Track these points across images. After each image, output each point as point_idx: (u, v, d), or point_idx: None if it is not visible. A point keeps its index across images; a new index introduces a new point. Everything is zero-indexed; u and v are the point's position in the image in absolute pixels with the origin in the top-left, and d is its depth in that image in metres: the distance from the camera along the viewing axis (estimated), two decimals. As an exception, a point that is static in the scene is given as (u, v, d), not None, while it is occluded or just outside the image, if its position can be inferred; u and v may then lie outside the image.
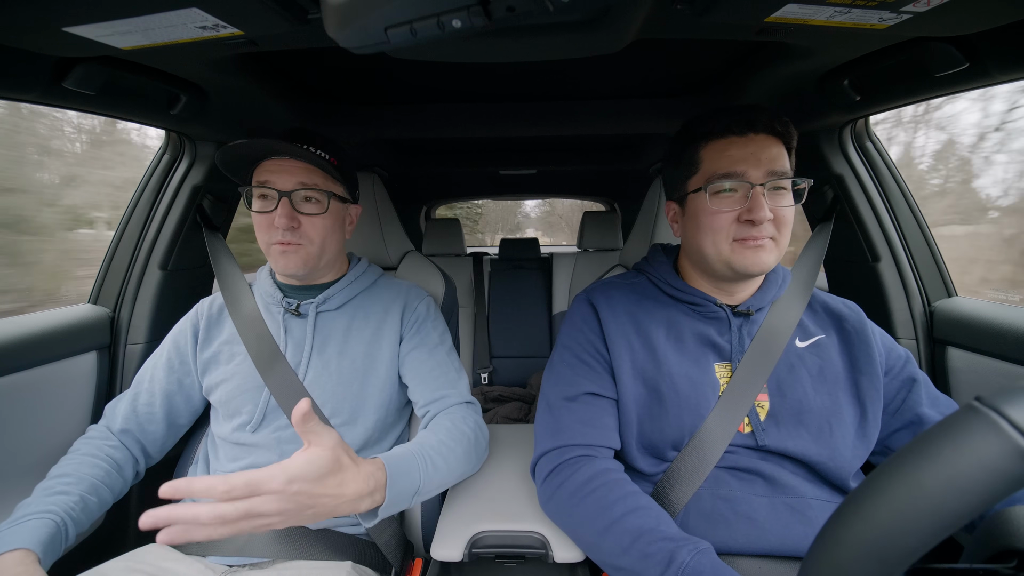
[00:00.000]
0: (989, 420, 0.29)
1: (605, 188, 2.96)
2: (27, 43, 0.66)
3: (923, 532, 0.30)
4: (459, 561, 0.76)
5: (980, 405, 0.30)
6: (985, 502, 0.28)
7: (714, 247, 0.76)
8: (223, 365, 0.91)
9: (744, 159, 0.73)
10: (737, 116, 0.75)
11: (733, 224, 0.75)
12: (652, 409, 0.77)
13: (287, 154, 0.84)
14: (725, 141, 0.76)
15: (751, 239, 0.74)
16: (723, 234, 0.75)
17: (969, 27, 0.66)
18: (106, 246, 1.19)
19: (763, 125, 0.74)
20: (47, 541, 0.69)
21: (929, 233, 1.14)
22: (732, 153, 0.74)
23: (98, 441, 0.87)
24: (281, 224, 0.84)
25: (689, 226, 0.82)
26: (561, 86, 1.26)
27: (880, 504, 0.32)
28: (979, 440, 0.29)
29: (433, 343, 0.96)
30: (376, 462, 0.68)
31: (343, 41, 0.57)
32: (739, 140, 0.75)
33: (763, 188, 0.73)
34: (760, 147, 0.74)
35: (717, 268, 0.78)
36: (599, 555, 0.68)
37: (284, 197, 0.84)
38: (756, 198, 0.72)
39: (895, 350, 0.82)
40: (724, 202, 0.75)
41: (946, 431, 0.31)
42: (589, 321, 0.85)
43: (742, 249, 0.75)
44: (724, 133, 0.76)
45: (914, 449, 0.32)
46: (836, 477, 0.73)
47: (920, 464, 0.31)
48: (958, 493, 0.29)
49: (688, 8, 0.64)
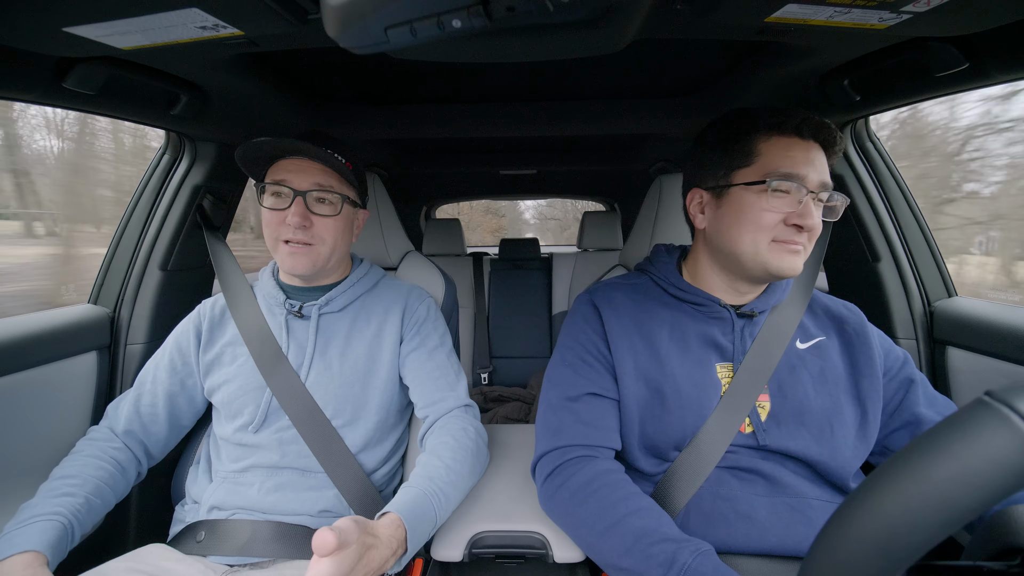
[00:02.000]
0: (1000, 414, 0.29)
1: (605, 188, 2.96)
2: (27, 43, 0.66)
3: (931, 526, 0.29)
4: (459, 561, 0.76)
5: (991, 399, 0.30)
6: (996, 496, 0.28)
7: (753, 244, 0.74)
8: (226, 366, 0.91)
9: (806, 163, 0.73)
10: (806, 119, 0.73)
11: (779, 226, 0.73)
12: (654, 409, 0.77)
13: (307, 155, 0.85)
14: (789, 140, 0.74)
15: (792, 243, 0.73)
16: (765, 233, 0.74)
17: (969, 27, 0.66)
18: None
19: (825, 136, 0.74)
20: (55, 543, 0.69)
21: (929, 233, 1.14)
22: (795, 155, 0.73)
23: (101, 442, 0.87)
24: (294, 222, 0.84)
25: (725, 218, 0.77)
26: (561, 86, 1.26)
27: (888, 498, 0.31)
28: (990, 434, 0.29)
29: (433, 345, 0.96)
30: (394, 521, 0.68)
31: (343, 41, 0.57)
32: (801, 143, 0.74)
33: (815, 196, 0.73)
34: (817, 155, 0.74)
35: (749, 266, 0.76)
36: (600, 556, 0.68)
37: (299, 196, 0.85)
38: (808, 204, 0.72)
39: (893, 351, 0.83)
40: (778, 202, 0.73)
41: (957, 425, 0.31)
42: (591, 322, 0.85)
43: (780, 251, 0.74)
44: (791, 132, 0.74)
45: (923, 443, 0.31)
46: (837, 477, 0.74)
47: (930, 458, 0.30)
48: (968, 487, 0.29)
49: (688, 8, 0.64)
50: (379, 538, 0.63)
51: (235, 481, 0.86)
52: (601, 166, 2.16)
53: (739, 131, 0.77)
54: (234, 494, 0.84)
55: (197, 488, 0.89)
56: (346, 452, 0.86)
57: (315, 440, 0.85)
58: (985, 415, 0.29)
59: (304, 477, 0.86)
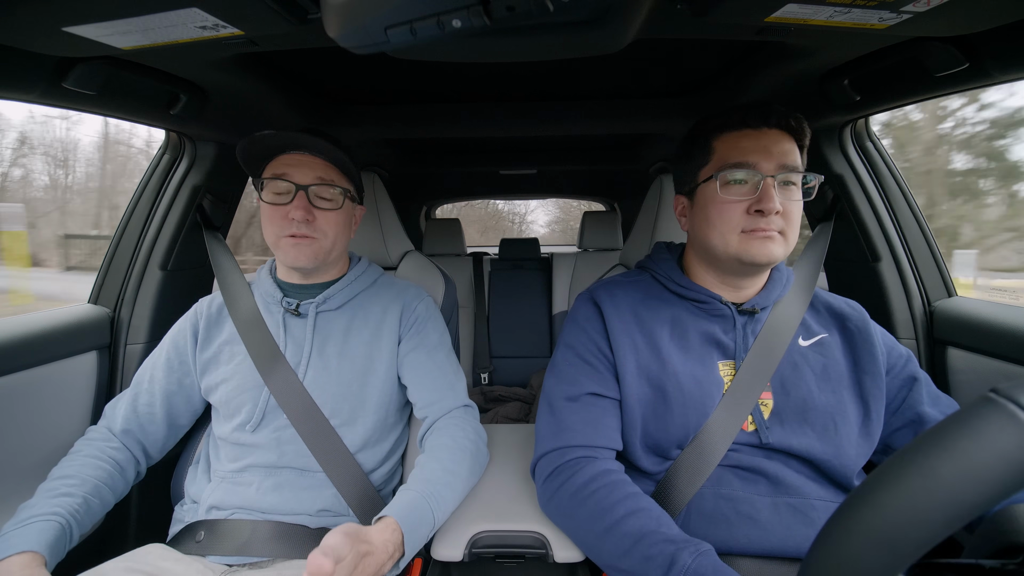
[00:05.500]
0: (1007, 411, 0.29)
1: (605, 188, 2.96)
2: (27, 43, 0.66)
3: (937, 523, 0.29)
4: (459, 561, 0.76)
5: (996, 396, 0.30)
6: (1002, 493, 0.28)
7: (721, 238, 0.76)
8: (223, 365, 0.91)
9: (756, 151, 0.74)
10: (752, 110, 0.76)
11: (742, 216, 0.74)
12: (656, 408, 0.77)
13: (310, 148, 0.86)
14: (739, 133, 0.76)
15: (760, 230, 0.74)
16: (731, 225, 0.75)
17: (969, 27, 0.66)
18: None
19: (777, 120, 0.75)
20: (53, 543, 0.69)
21: (929, 233, 1.14)
22: (745, 144, 0.75)
23: (99, 442, 0.87)
24: (297, 216, 0.85)
25: (697, 218, 0.81)
26: (561, 86, 1.26)
27: (893, 494, 0.31)
28: (996, 430, 0.29)
29: (432, 344, 0.96)
30: (390, 525, 0.68)
31: (343, 41, 0.57)
32: (753, 133, 0.76)
33: (774, 180, 0.73)
34: (773, 141, 0.75)
35: (724, 261, 0.78)
36: (600, 557, 0.68)
37: (301, 190, 0.85)
38: (766, 189, 0.73)
39: (896, 349, 0.82)
40: (734, 192, 0.75)
41: (962, 421, 0.31)
42: (592, 320, 0.85)
43: (749, 240, 0.74)
44: (739, 125, 0.76)
45: (929, 439, 0.31)
46: (840, 476, 0.73)
47: (936, 454, 0.30)
48: (974, 483, 0.29)
49: (688, 8, 0.64)
50: (373, 544, 0.64)
51: (234, 481, 0.85)
52: (601, 166, 2.16)
53: (698, 135, 0.82)
54: (233, 494, 0.84)
55: (196, 488, 0.89)
56: (345, 451, 0.86)
57: (313, 439, 0.85)
58: (991, 412, 0.29)
59: (303, 476, 0.86)
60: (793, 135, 0.76)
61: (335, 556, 0.56)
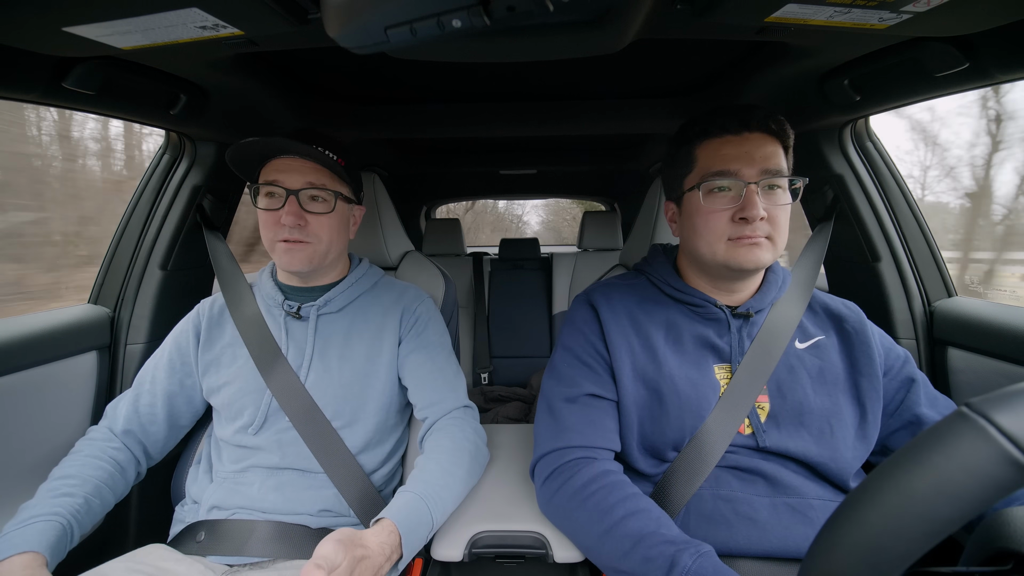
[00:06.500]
0: (977, 426, 0.29)
1: (605, 188, 2.96)
2: (27, 43, 0.66)
3: (914, 538, 0.30)
4: (459, 561, 0.76)
5: (969, 411, 0.30)
6: (975, 508, 0.28)
7: (708, 247, 0.76)
8: (225, 368, 0.91)
9: (738, 157, 0.74)
10: (732, 115, 0.75)
11: (728, 224, 0.74)
12: (653, 410, 0.77)
13: (297, 153, 0.85)
14: (720, 140, 0.76)
15: (745, 238, 0.74)
16: (717, 234, 0.75)
17: (969, 27, 0.66)
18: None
19: (758, 124, 0.74)
20: (54, 544, 0.69)
21: (929, 233, 1.14)
22: (726, 152, 0.75)
23: (100, 443, 0.87)
24: (288, 222, 0.84)
25: (685, 225, 0.82)
26: (561, 86, 1.26)
27: (873, 509, 0.32)
28: (968, 447, 0.29)
29: (432, 345, 0.96)
30: (387, 528, 0.68)
31: (343, 41, 0.57)
32: (734, 139, 0.75)
33: (757, 187, 0.73)
34: (755, 146, 0.74)
35: (713, 268, 0.79)
36: (600, 559, 0.68)
37: (292, 195, 0.85)
38: (749, 196, 0.72)
39: (894, 350, 0.82)
40: (718, 201, 0.75)
41: (936, 437, 0.31)
42: (589, 322, 0.85)
43: (736, 247, 0.75)
44: (719, 132, 0.76)
45: (906, 455, 0.32)
46: (837, 477, 0.73)
47: (911, 470, 0.31)
48: (947, 499, 0.29)
49: (688, 8, 0.64)
50: (369, 548, 0.64)
51: (235, 481, 0.86)
52: (601, 166, 2.17)
53: (681, 143, 0.81)
54: (234, 493, 0.84)
55: (197, 488, 0.89)
56: (346, 453, 0.86)
57: (315, 441, 0.85)
58: (963, 427, 0.30)
59: (304, 477, 0.86)
60: (776, 137, 0.76)
61: (329, 565, 0.56)
